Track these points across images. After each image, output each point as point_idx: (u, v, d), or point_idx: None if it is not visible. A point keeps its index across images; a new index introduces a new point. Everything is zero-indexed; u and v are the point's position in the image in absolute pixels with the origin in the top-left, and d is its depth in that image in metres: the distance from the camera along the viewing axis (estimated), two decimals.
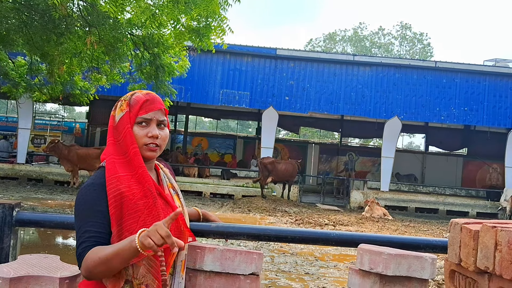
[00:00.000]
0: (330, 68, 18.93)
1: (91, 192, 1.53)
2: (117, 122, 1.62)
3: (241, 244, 7.98)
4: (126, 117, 1.61)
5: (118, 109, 1.65)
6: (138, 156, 1.58)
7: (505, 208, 17.20)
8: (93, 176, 1.60)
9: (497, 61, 21.55)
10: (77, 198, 1.55)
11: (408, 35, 48.25)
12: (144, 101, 1.63)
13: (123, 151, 1.59)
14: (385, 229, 11.91)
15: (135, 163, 1.57)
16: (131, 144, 1.59)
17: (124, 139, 1.59)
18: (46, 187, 16.42)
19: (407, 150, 28.76)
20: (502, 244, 1.18)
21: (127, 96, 1.67)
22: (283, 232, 2.16)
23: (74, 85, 13.20)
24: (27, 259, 1.72)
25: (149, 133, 1.61)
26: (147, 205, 1.55)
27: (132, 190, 1.53)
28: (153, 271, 1.52)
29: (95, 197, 1.52)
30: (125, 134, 1.60)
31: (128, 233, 1.49)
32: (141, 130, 1.61)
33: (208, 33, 9.94)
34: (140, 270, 1.51)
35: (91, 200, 1.52)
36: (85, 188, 1.55)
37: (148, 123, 1.62)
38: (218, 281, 1.80)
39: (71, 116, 42.92)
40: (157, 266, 1.52)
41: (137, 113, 1.61)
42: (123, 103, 1.64)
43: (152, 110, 1.63)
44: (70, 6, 9.10)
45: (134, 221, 1.51)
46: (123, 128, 1.60)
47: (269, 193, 17.47)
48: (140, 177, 1.56)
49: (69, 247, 8.18)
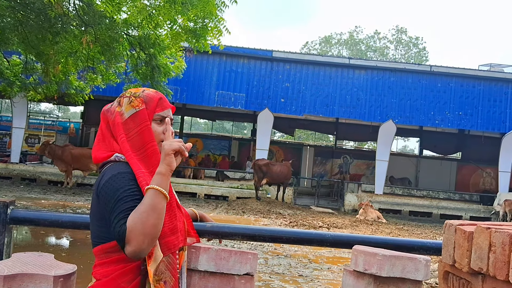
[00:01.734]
0: (326, 71, 18.98)
1: (123, 178, 1.49)
2: (128, 118, 1.59)
3: (235, 246, 7.98)
4: (143, 114, 1.60)
5: (127, 105, 1.61)
6: (157, 153, 1.57)
7: (498, 212, 17.29)
8: (112, 168, 1.54)
9: (492, 66, 21.70)
10: (108, 186, 1.48)
11: (404, 39, 48.47)
12: (159, 99, 1.66)
13: (138, 147, 1.57)
14: (379, 232, 11.93)
15: (153, 161, 1.56)
16: (150, 142, 1.58)
17: (141, 135, 1.58)
18: (39, 186, 16.34)
19: (402, 154, 28.86)
20: (496, 245, 1.19)
21: (135, 92, 1.65)
22: (278, 232, 2.16)
23: (69, 85, 13.14)
24: (21, 257, 1.71)
25: (165, 131, 1.63)
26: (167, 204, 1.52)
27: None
28: (170, 268, 1.53)
29: (128, 181, 1.48)
30: (141, 130, 1.58)
31: None
32: (158, 127, 1.63)
33: (205, 34, 9.93)
34: (159, 267, 1.50)
35: (126, 183, 1.48)
36: (114, 177, 1.49)
37: (163, 120, 1.65)
38: (212, 281, 1.80)
39: (65, 116, 42.72)
40: (175, 264, 1.55)
41: (154, 110, 1.63)
42: (135, 99, 1.62)
43: (167, 108, 1.67)
44: (66, 5, 9.07)
45: None
46: (139, 124, 1.59)
47: (263, 195, 17.47)
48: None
49: (64, 245, 8.15)
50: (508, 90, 18.89)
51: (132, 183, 1.49)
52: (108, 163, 1.59)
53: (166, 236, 1.53)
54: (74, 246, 7.99)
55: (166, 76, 12.09)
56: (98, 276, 1.53)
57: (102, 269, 1.51)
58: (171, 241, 1.54)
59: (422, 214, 18.64)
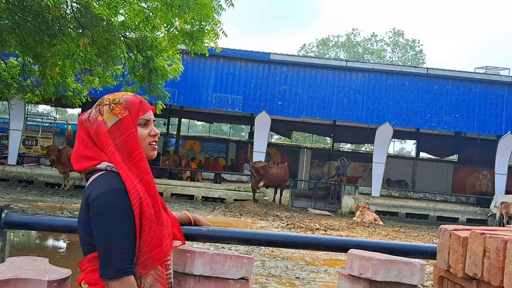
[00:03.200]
0: (323, 73, 19.00)
1: (118, 198, 1.47)
2: (112, 127, 1.57)
3: (232, 248, 7.96)
4: (127, 120, 1.58)
5: (109, 113, 1.58)
6: (144, 161, 1.57)
7: (494, 214, 17.30)
8: (106, 180, 1.52)
9: (488, 69, 21.72)
10: (101, 203, 1.47)
11: (401, 41, 48.53)
12: (139, 102, 1.64)
13: (126, 155, 1.55)
14: (376, 234, 11.94)
15: (142, 169, 1.56)
16: (137, 149, 1.57)
17: (127, 143, 1.56)
18: (36, 189, 16.29)
19: (398, 156, 28.88)
20: (490, 251, 1.19)
21: (114, 99, 1.62)
22: (274, 236, 2.16)
23: (66, 87, 13.13)
24: (15, 262, 1.70)
25: (151, 132, 1.63)
26: (156, 213, 1.55)
27: (147, 199, 1.53)
28: (160, 280, 1.55)
29: (123, 204, 1.48)
30: (127, 138, 1.56)
31: (143, 243, 1.50)
32: (144, 130, 1.63)
33: (202, 37, 9.92)
34: (148, 280, 1.52)
35: (121, 206, 1.47)
36: (110, 193, 1.47)
37: (147, 123, 1.64)
38: (207, 285, 1.79)
39: (63, 118, 42.59)
40: (164, 275, 1.56)
41: (137, 115, 1.61)
42: (116, 106, 1.59)
43: (148, 110, 1.66)
44: (64, 8, 9.06)
45: (148, 231, 1.51)
46: (124, 132, 1.57)
47: (260, 197, 17.46)
48: (146, 184, 1.56)
49: (59, 249, 8.12)
50: (504, 92, 18.94)
51: (128, 208, 1.48)
52: (96, 171, 1.57)
53: (154, 249, 1.53)
54: (70, 249, 7.96)
55: (164, 79, 12.09)
56: (94, 281, 1.52)
57: (96, 274, 1.51)
58: (157, 254, 1.54)
59: (419, 216, 18.65)
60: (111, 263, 1.43)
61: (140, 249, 1.50)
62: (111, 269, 1.43)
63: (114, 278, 1.42)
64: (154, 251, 1.52)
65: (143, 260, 1.50)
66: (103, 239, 1.45)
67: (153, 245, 1.52)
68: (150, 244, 1.51)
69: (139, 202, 1.49)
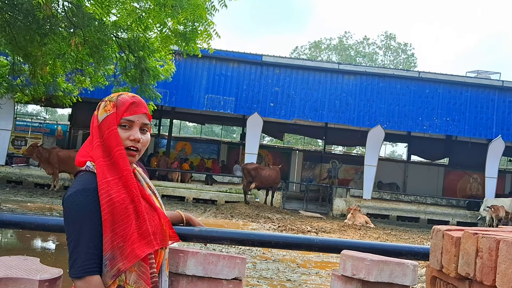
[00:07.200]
0: (315, 75, 19.06)
1: (84, 198, 1.49)
2: (100, 122, 1.59)
3: (224, 250, 7.95)
4: (112, 118, 1.59)
5: (101, 109, 1.62)
6: (124, 158, 1.56)
7: (484, 217, 17.44)
8: (80, 180, 1.55)
9: (479, 73, 21.92)
10: (70, 204, 1.49)
11: (393, 45, 48.80)
12: (130, 103, 1.62)
13: (107, 152, 1.56)
14: (367, 236, 11.98)
15: (121, 165, 1.55)
16: (117, 146, 1.56)
17: (109, 139, 1.57)
18: (25, 189, 16.15)
19: (390, 159, 29.04)
20: (483, 250, 1.19)
21: (112, 97, 1.65)
22: (267, 237, 2.15)
23: (57, 87, 13.02)
24: (6, 261, 1.68)
25: (131, 136, 1.60)
26: (136, 209, 1.55)
27: (122, 195, 1.52)
28: (144, 277, 1.54)
29: (90, 203, 1.49)
30: (109, 134, 1.57)
31: (121, 239, 1.49)
32: (124, 132, 1.60)
33: (195, 38, 9.91)
34: (132, 276, 1.52)
35: (86, 206, 1.48)
36: (78, 194, 1.50)
37: (131, 125, 1.61)
38: (200, 285, 1.79)
39: (53, 118, 42.26)
40: (147, 272, 1.55)
41: (122, 114, 1.60)
42: (108, 103, 1.61)
43: (137, 113, 1.62)
44: (55, 7, 9.00)
45: (126, 226, 1.51)
46: (107, 128, 1.57)
47: (252, 199, 17.45)
48: (125, 180, 1.55)
49: (50, 249, 8.05)
50: (494, 96, 19.12)
51: (95, 203, 1.49)
52: (81, 171, 1.60)
53: (135, 243, 1.52)
54: (60, 250, 7.90)
55: (155, 79, 12.03)
56: None
57: None
58: (138, 248, 1.53)
59: (409, 219, 18.75)
60: (75, 263, 1.45)
61: (117, 244, 1.49)
62: (75, 269, 1.45)
63: (78, 278, 1.44)
64: (134, 245, 1.52)
65: (124, 255, 1.50)
66: (69, 239, 1.48)
67: (133, 240, 1.51)
68: (130, 239, 1.50)
69: (108, 197, 1.49)
